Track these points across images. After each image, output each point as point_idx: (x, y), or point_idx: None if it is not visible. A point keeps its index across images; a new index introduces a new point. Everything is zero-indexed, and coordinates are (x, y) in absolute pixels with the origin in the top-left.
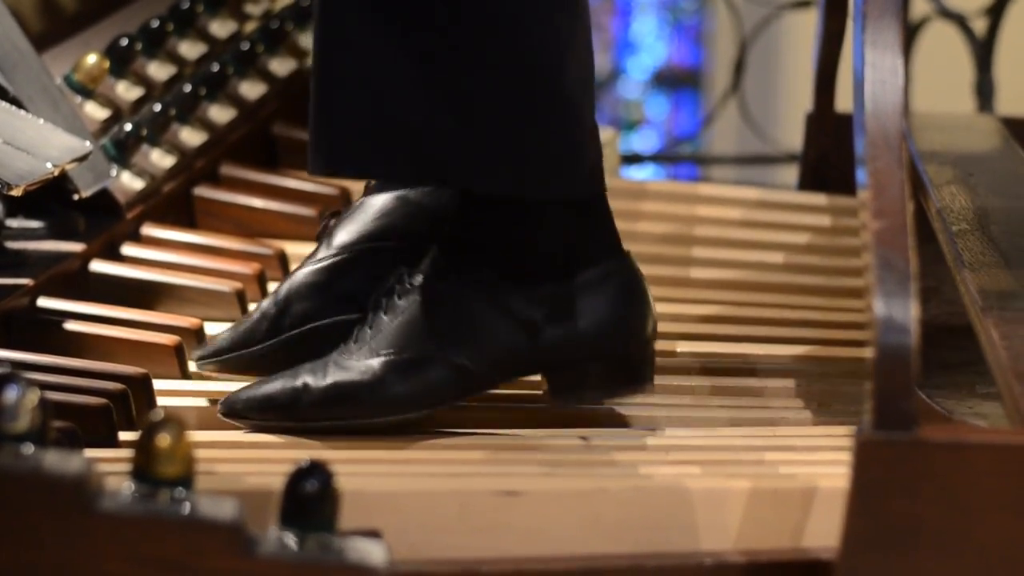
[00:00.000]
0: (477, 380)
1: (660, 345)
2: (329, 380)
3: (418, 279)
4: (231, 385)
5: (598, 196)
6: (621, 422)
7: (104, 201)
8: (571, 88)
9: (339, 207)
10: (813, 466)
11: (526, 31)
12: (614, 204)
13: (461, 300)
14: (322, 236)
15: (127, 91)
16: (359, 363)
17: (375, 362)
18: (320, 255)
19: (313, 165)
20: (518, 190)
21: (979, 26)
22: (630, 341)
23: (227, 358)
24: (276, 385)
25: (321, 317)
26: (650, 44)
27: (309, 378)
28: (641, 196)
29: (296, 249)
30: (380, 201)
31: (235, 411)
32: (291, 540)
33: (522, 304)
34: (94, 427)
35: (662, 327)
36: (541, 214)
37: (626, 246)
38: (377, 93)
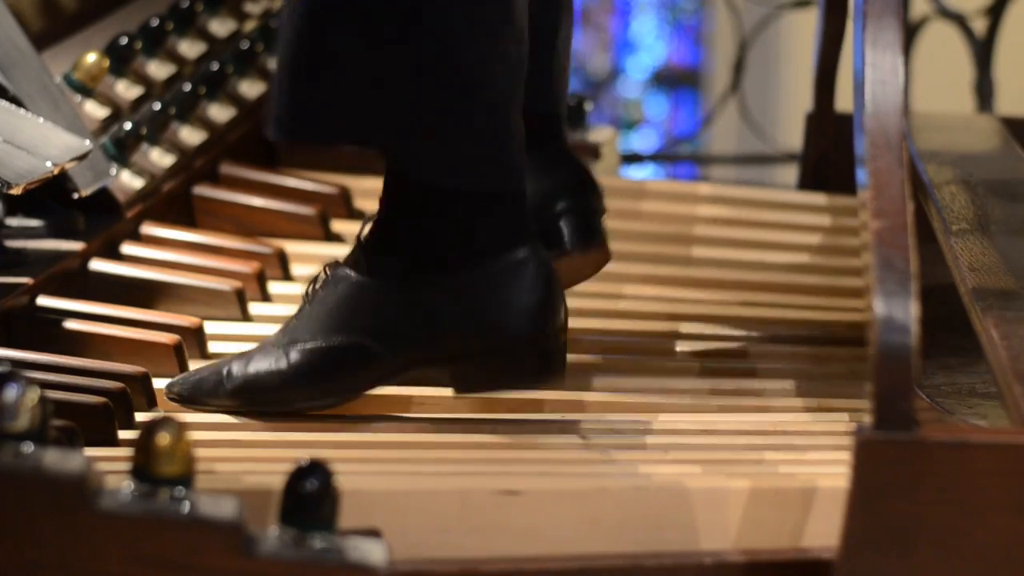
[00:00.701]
0: (388, 369)
1: (660, 345)
2: (250, 368)
3: (338, 270)
4: None
5: (509, 188)
6: (620, 421)
7: (104, 200)
8: (498, 88)
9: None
10: (813, 466)
11: (455, 32)
12: (614, 203)
13: (374, 290)
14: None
15: (127, 90)
16: (278, 351)
17: (292, 350)
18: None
19: (274, 131)
20: (434, 176)
21: (979, 26)
22: (541, 331)
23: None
24: (206, 371)
25: None
26: (649, 44)
27: (235, 365)
28: (640, 196)
29: (296, 248)
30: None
31: (172, 392)
32: (291, 539)
33: (432, 294)
34: (94, 426)
35: (662, 326)
36: (454, 204)
37: (625, 246)
38: (336, 68)
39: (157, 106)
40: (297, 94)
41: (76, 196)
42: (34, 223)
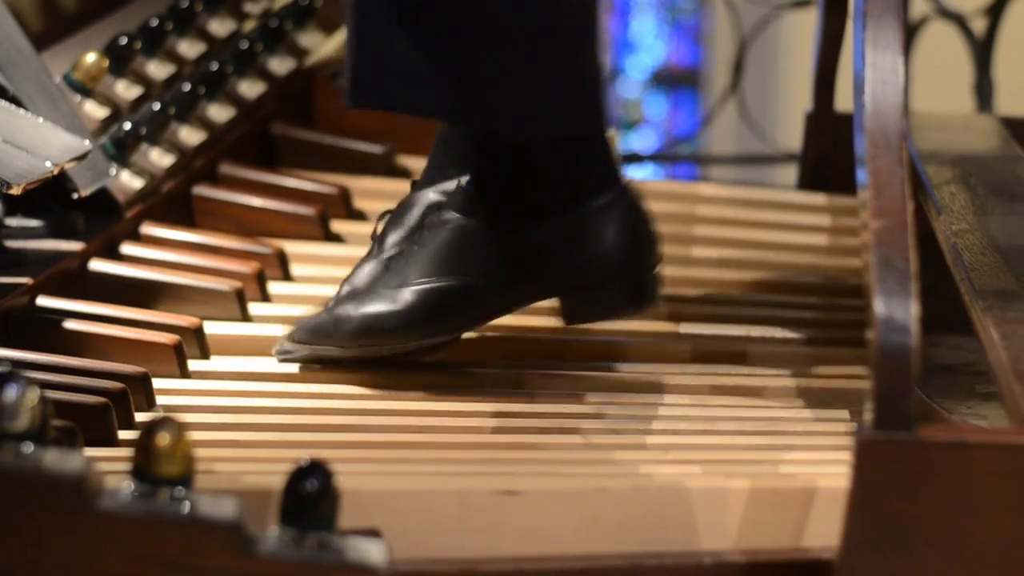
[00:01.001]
0: (495, 305)
1: (660, 345)
2: (365, 309)
3: (446, 214)
4: (230, 385)
5: (600, 132)
6: (620, 421)
7: (103, 200)
8: (568, 36)
9: (344, 205)
10: (813, 466)
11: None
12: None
13: (479, 234)
14: (375, 236)
15: (126, 90)
16: (391, 292)
17: (405, 291)
18: (375, 253)
19: (351, 99)
20: (517, 133)
21: (978, 26)
22: (637, 263)
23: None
24: (321, 317)
25: None
26: (649, 44)
27: (350, 307)
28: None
29: (295, 248)
30: (427, 196)
31: (293, 337)
32: (291, 539)
33: (533, 236)
34: (94, 426)
35: (661, 327)
36: (543, 153)
37: None
38: (408, 37)
39: (156, 106)
40: (366, 63)
41: (75, 196)
42: (33, 223)
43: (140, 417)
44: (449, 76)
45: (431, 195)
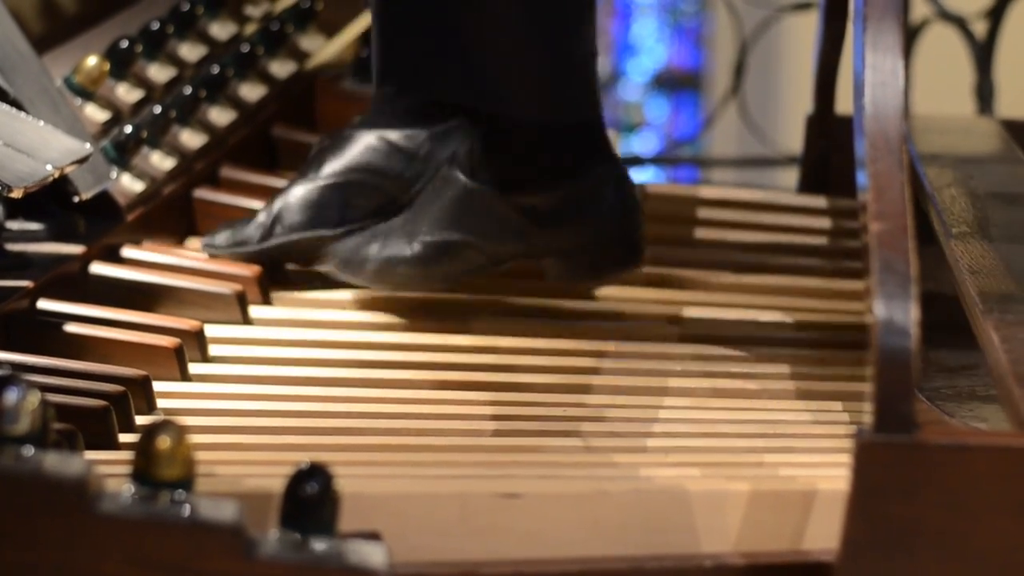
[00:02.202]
0: (491, 260)
1: (661, 346)
2: (385, 252)
3: (452, 172)
4: (230, 388)
5: (592, 116)
6: (620, 423)
7: (104, 203)
8: (567, 27)
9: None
10: (813, 468)
11: None
12: None
13: (480, 196)
14: (312, 158)
15: (127, 93)
16: (405, 239)
17: (415, 241)
18: (310, 175)
19: (386, 84)
20: (520, 116)
21: (979, 28)
22: (623, 227)
23: (224, 251)
24: (349, 250)
25: (304, 230)
26: (650, 46)
27: (373, 247)
28: (641, 199)
29: None
30: (366, 138)
31: (329, 265)
32: (291, 542)
33: (530, 201)
34: (94, 429)
35: (662, 328)
36: (541, 133)
37: None
38: (429, 32)
39: (157, 109)
40: (387, 51)
41: (76, 199)
42: (34, 226)
43: (140, 420)
44: (464, 64)
45: (372, 139)
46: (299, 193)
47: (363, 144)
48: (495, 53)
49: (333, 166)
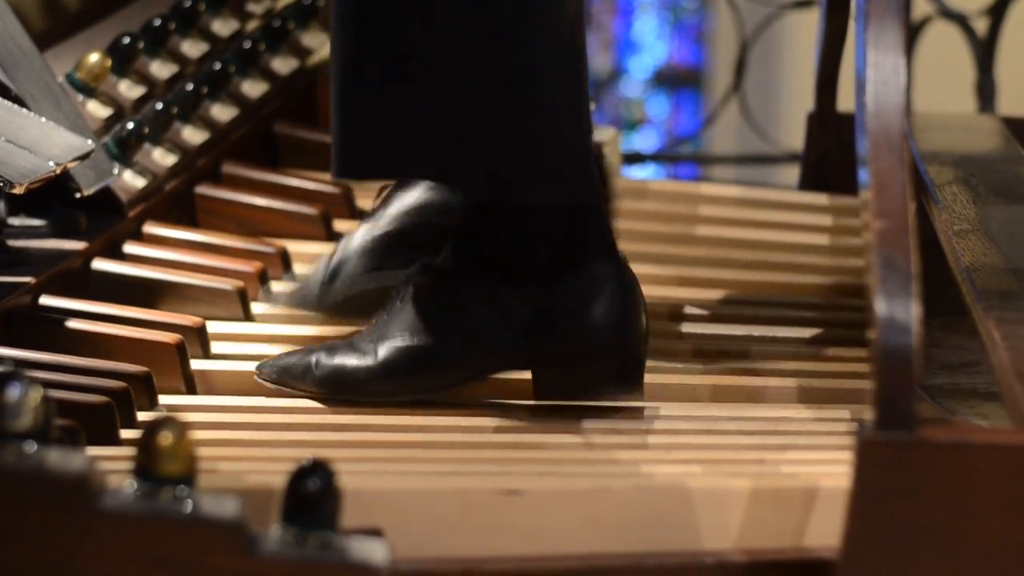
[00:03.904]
0: (468, 372)
1: (661, 345)
2: (336, 360)
3: (429, 274)
4: (231, 387)
5: (590, 202)
6: (622, 420)
7: (106, 199)
8: (564, 104)
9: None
10: (814, 466)
11: (505, 50)
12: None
13: (462, 297)
14: (374, 209)
15: (129, 90)
16: (367, 345)
17: (381, 347)
18: (370, 224)
19: (344, 171)
20: (504, 196)
21: (980, 26)
22: (620, 341)
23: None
24: (294, 358)
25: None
26: (651, 43)
27: (323, 355)
28: (642, 195)
29: (298, 247)
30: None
31: (263, 375)
32: (293, 539)
33: (518, 303)
34: (96, 425)
35: (663, 326)
36: (534, 220)
37: (627, 246)
38: (396, 104)
39: (159, 106)
40: (355, 131)
41: (78, 195)
42: (36, 222)
43: (142, 416)
44: (438, 140)
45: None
46: (359, 241)
47: (423, 184)
48: (481, 129)
49: (393, 210)
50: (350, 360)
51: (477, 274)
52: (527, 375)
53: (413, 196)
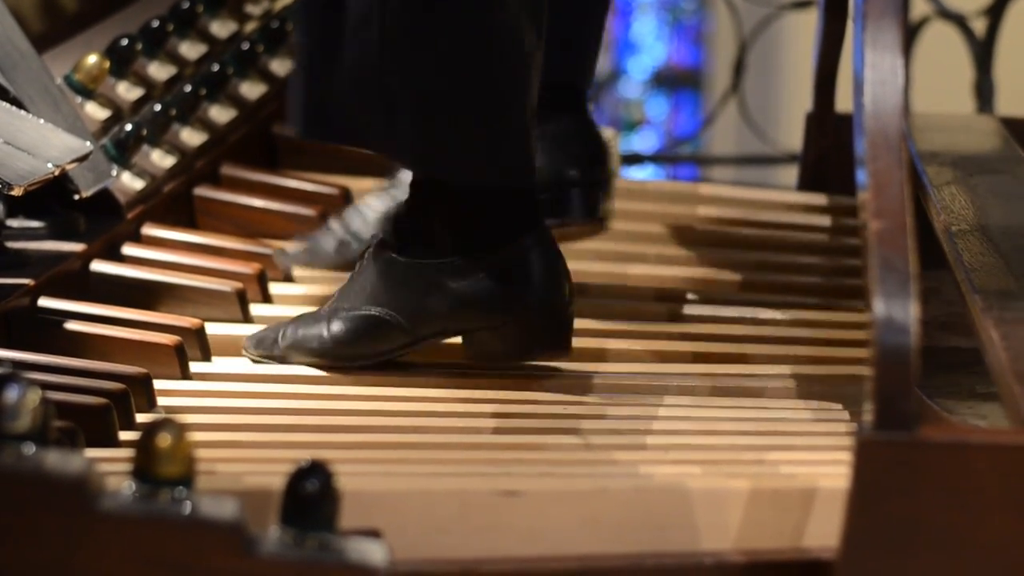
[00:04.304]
0: (411, 338)
1: (661, 346)
2: (299, 331)
3: (379, 247)
4: (230, 386)
5: (525, 184)
6: (620, 421)
7: (105, 201)
8: (508, 92)
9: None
10: (813, 466)
11: (461, 36)
12: (615, 204)
13: (402, 269)
14: (393, 174)
15: (128, 91)
16: (326, 316)
17: (335, 317)
18: (389, 190)
19: (298, 127)
20: (447, 177)
21: (979, 26)
22: (548, 304)
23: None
24: (269, 331)
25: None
26: (650, 44)
27: (290, 326)
28: (641, 196)
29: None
30: None
31: (246, 346)
32: (291, 540)
33: (452, 274)
34: (95, 427)
35: (662, 327)
36: (470, 198)
37: (627, 246)
38: (354, 76)
39: (158, 107)
40: (312, 96)
41: (77, 197)
42: (35, 224)
43: (141, 418)
44: (387, 115)
45: None
46: (376, 208)
47: None
48: (424, 109)
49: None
50: (310, 330)
51: (413, 249)
52: (526, 377)
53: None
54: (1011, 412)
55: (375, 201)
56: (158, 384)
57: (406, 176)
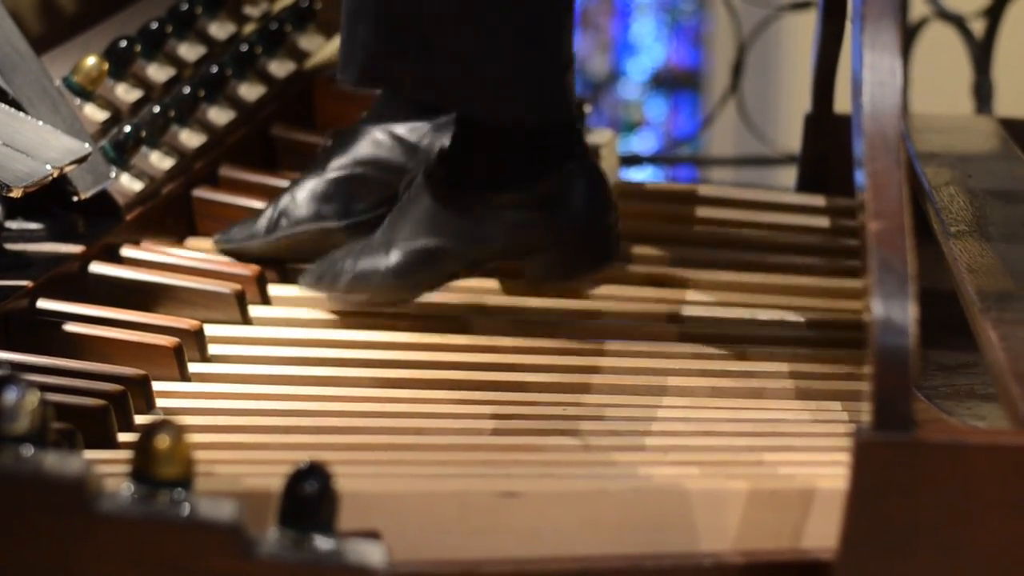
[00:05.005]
0: (464, 264)
1: (660, 346)
2: (359, 266)
3: (426, 181)
4: (229, 388)
5: (566, 119)
6: (620, 422)
7: (103, 203)
8: (547, 28)
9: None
10: (812, 467)
11: None
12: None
13: (454, 201)
14: (320, 153)
15: (126, 93)
16: (381, 249)
17: (392, 250)
18: (316, 170)
19: (343, 75)
20: (494, 117)
21: (977, 27)
22: (595, 224)
23: (234, 245)
24: (325, 264)
25: (309, 223)
26: (649, 46)
27: (348, 259)
28: (640, 197)
29: None
30: (372, 132)
31: (305, 283)
32: (290, 541)
33: (502, 202)
34: (93, 428)
35: (662, 328)
36: (514, 134)
37: (626, 247)
38: (393, 21)
39: (156, 109)
40: (357, 44)
41: (76, 199)
42: (34, 226)
43: (140, 419)
44: (427, 62)
45: (378, 133)
46: (305, 187)
47: (368, 138)
48: (463, 51)
49: (339, 160)
50: (368, 264)
51: (467, 179)
52: (526, 379)
53: (357, 149)
54: (1010, 413)
55: (304, 182)
56: (157, 386)
57: (343, 155)
